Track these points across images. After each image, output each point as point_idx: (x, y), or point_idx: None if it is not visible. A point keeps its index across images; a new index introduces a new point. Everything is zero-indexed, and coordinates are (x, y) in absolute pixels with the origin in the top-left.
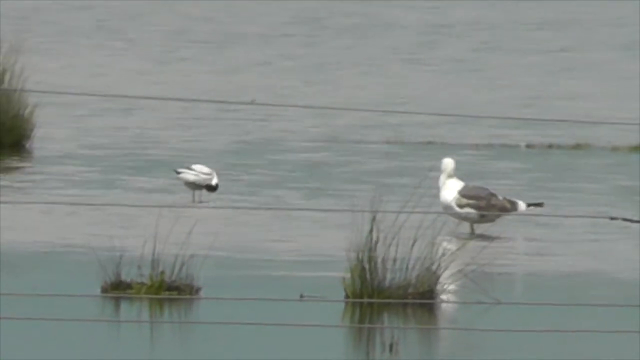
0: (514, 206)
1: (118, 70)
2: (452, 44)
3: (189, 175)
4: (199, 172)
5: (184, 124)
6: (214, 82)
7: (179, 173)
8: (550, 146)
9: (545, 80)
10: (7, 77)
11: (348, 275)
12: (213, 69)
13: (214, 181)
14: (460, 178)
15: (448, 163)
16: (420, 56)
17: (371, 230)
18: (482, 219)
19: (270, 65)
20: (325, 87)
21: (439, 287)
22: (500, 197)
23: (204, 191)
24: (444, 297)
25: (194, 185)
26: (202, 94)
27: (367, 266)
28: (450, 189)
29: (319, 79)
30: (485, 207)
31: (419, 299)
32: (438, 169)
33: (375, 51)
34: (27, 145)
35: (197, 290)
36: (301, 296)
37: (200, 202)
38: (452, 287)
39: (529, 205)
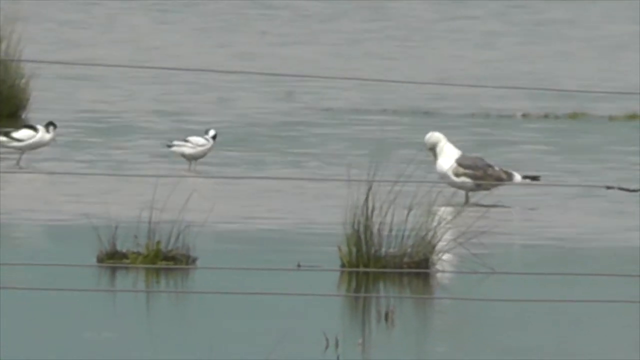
0: (509, 177)
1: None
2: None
3: (185, 148)
4: (195, 144)
5: (184, 94)
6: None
7: (171, 147)
8: (546, 116)
9: (540, 50)
10: (3, 46)
11: (344, 244)
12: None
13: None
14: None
15: (436, 135)
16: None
17: (367, 200)
18: (478, 188)
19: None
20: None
21: (434, 256)
22: (497, 168)
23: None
24: (439, 266)
25: (191, 157)
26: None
27: (363, 235)
28: (447, 157)
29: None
30: (481, 177)
31: (415, 268)
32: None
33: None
34: (24, 116)
35: (194, 259)
36: (298, 265)
37: (196, 171)
38: (447, 256)
39: (524, 177)
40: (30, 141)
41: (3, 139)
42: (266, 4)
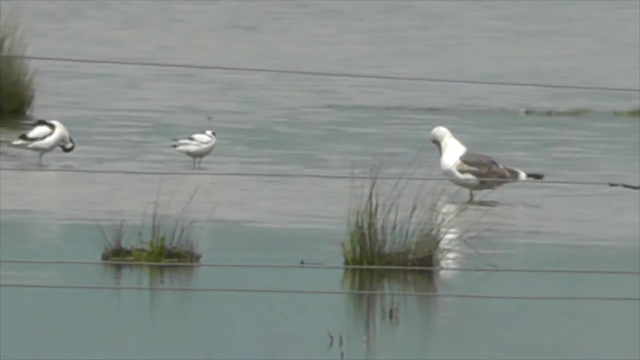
0: (514, 175)
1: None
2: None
3: (190, 146)
4: (199, 141)
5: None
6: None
7: (176, 146)
8: (549, 112)
9: (543, 46)
10: (7, 43)
11: (348, 242)
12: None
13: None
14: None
15: (442, 130)
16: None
17: (371, 197)
18: (483, 185)
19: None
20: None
21: (438, 253)
22: (501, 166)
23: (205, 158)
24: (443, 263)
25: (196, 154)
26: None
27: (366, 232)
28: (452, 154)
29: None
30: (486, 174)
31: (419, 266)
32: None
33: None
34: (28, 112)
35: (198, 257)
36: (301, 262)
37: (201, 169)
38: (451, 253)
39: (529, 175)
40: (49, 140)
41: (21, 142)
42: (293, 4)
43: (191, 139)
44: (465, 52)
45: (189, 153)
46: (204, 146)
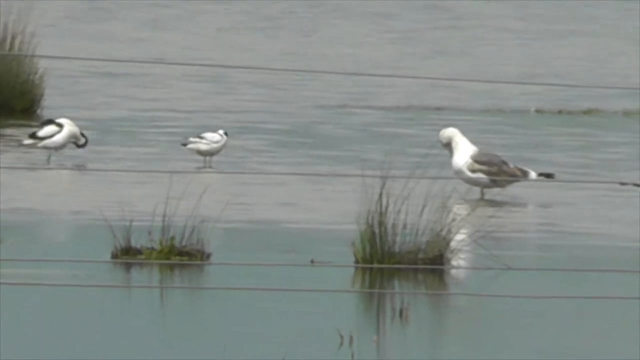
0: (524, 174)
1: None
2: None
3: (201, 145)
4: (210, 140)
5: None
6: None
7: (186, 145)
8: (560, 111)
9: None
10: (17, 42)
11: (358, 240)
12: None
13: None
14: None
15: (451, 130)
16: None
17: (381, 195)
18: (493, 184)
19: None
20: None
21: (448, 252)
22: (511, 165)
23: (215, 157)
24: (453, 262)
25: (207, 153)
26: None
27: (377, 231)
28: (462, 153)
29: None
30: (496, 173)
31: (429, 265)
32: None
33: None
34: (38, 111)
35: (208, 255)
36: (311, 261)
37: (211, 167)
38: (462, 252)
39: (539, 174)
40: (58, 138)
41: (31, 141)
42: (313, 3)
43: (202, 137)
44: (496, 53)
45: (199, 152)
46: (215, 145)
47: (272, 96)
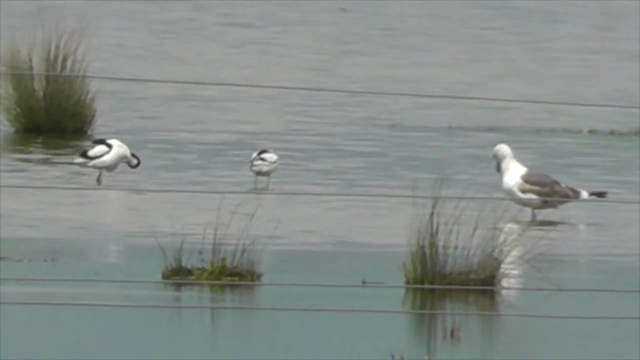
0: (576, 194)
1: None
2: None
3: (262, 166)
4: (269, 161)
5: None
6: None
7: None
8: (612, 132)
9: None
10: (69, 62)
11: (409, 261)
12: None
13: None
14: (522, 163)
15: (504, 149)
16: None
17: (432, 216)
18: (544, 204)
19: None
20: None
21: (500, 273)
22: (563, 185)
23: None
24: (504, 283)
25: (267, 174)
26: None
27: (428, 252)
28: (513, 174)
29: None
30: (548, 193)
31: (480, 285)
32: (494, 156)
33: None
34: (89, 131)
35: (259, 276)
36: (363, 282)
37: (263, 188)
38: (513, 273)
39: (591, 194)
40: (107, 158)
41: (81, 160)
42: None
43: (262, 159)
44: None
45: (260, 173)
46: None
47: (329, 116)
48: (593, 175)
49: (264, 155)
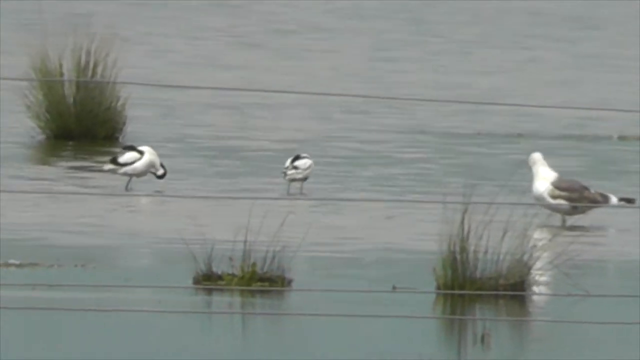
0: (605, 199)
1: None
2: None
3: (295, 174)
4: (302, 169)
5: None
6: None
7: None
8: None
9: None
10: (100, 69)
11: (439, 266)
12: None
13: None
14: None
15: (535, 156)
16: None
17: (463, 222)
18: (574, 210)
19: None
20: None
21: (530, 278)
22: (592, 190)
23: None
24: (534, 288)
25: (302, 180)
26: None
27: (458, 257)
28: (543, 180)
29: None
30: (577, 199)
31: (510, 291)
32: (527, 164)
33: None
34: (120, 138)
35: (289, 281)
36: (393, 287)
37: (295, 194)
38: (543, 278)
39: (620, 199)
40: (138, 165)
41: (111, 166)
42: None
43: (295, 167)
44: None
45: (294, 179)
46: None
47: (361, 122)
48: (623, 181)
49: (297, 163)
